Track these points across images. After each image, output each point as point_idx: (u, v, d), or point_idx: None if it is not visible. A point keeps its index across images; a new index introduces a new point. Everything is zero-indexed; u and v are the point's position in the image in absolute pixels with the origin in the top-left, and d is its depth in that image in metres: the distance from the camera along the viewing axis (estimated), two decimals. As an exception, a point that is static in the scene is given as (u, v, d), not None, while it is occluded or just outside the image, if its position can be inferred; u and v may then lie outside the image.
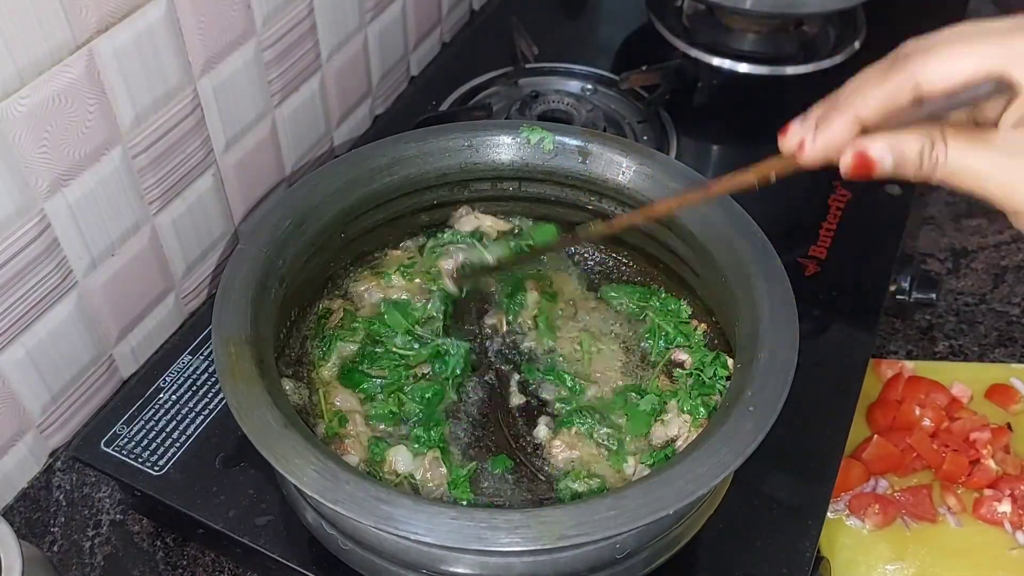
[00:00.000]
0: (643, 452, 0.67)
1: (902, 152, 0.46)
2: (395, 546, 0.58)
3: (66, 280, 0.73)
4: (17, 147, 0.64)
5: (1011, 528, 0.77)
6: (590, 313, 0.77)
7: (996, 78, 0.44)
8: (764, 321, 0.62)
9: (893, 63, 0.47)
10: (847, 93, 0.48)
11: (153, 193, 0.78)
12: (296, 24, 0.88)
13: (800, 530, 0.67)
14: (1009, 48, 0.44)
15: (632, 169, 0.74)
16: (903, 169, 0.47)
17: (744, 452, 0.55)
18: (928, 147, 0.46)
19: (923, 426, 0.82)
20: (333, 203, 0.72)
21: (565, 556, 0.57)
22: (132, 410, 0.73)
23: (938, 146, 0.45)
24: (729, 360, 0.69)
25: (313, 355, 0.72)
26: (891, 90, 0.46)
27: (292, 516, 0.66)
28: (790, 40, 1.13)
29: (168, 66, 0.74)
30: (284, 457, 0.55)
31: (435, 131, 0.77)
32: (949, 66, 0.45)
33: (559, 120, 1.00)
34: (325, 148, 1.01)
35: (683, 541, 0.64)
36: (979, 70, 0.44)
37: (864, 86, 0.48)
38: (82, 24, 0.66)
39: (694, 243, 0.71)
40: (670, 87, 1.04)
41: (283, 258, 0.68)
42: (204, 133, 0.81)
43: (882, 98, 0.47)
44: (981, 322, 0.93)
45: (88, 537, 0.73)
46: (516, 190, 0.78)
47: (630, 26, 1.18)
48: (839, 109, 0.48)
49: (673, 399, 0.69)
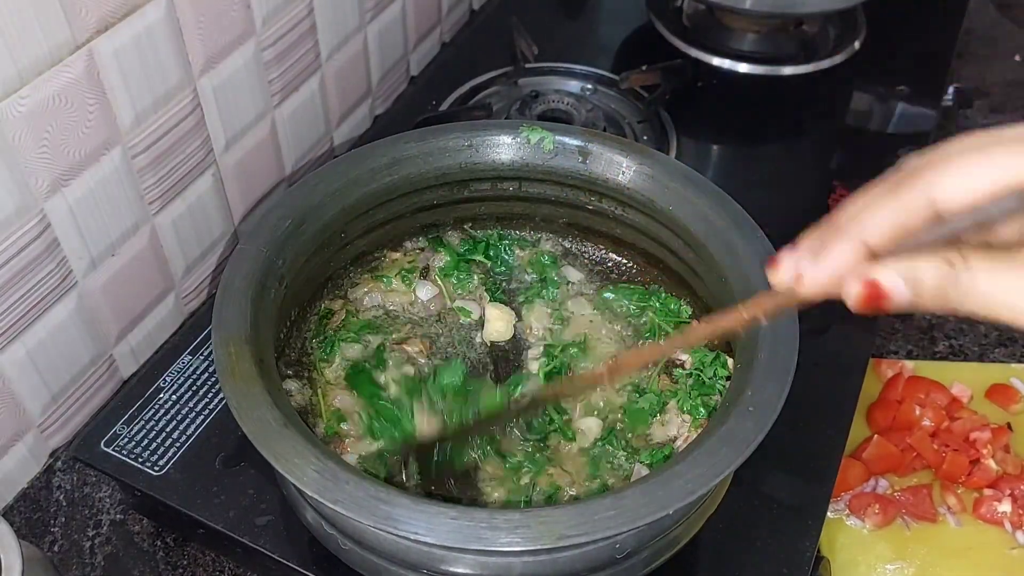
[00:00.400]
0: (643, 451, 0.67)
1: (920, 280, 0.40)
2: (395, 546, 0.58)
3: (66, 280, 0.73)
4: (17, 147, 0.64)
5: (1011, 528, 0.77)
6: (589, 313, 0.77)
7: (1021, 191, 0.39)
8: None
9: (901, 181, 0.41)
10: (849, 216, 0.42)
11: (153, 193, 0.78)
12: (296, 24, 0.88)
13: (800, 530, 0.67)
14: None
15: (632, 169, 0.74)
16: (921, 298, 0.41)
17: (744, 452, 0.55)
18: (949, 272, 0.40)
19: (923, 426, 0.82)
20: (333, 203, 0.72)
21: (565, 556, 0.57)
22: (132, 410, 0.73)
23: (961, 270, 0.39)
24: (729, 360, 0.69)
25: (315, 356, 0.72)
26: (903, 209, 0.40)
27: (292, 516, 0.66)
28: (790, 40, 1.13)
29: (168, 66, 0.74)
30: (284, 457, 0.55)
31: (435, 131, 0.77)
32: (969, 180, 0.39)
33: (559, 120, 1.00)
34: (325, 148, 1.01)
35: (683, 541, 0.64)
36: (1001, 181, 0.39)
37: (870, 207, 0.41)
38: (82, 24, 0.66)
39: (694, 243, 0.71)
40: (670, 87, 1.04)
41: (283, 258, 0.68)
42: (204, 133, 0.81)
43: (892, 219, 0.40)
44: (981, 322, 0.93)
45: (88, 537, 0.73)
46: (516, 190, 0.79)
47: (630, 26, 1.18)
48: (842, 234, 0.42)
49: (673, 399, 0.69)
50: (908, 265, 0.40)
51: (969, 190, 0.39)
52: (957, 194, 0.39)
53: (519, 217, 0.81)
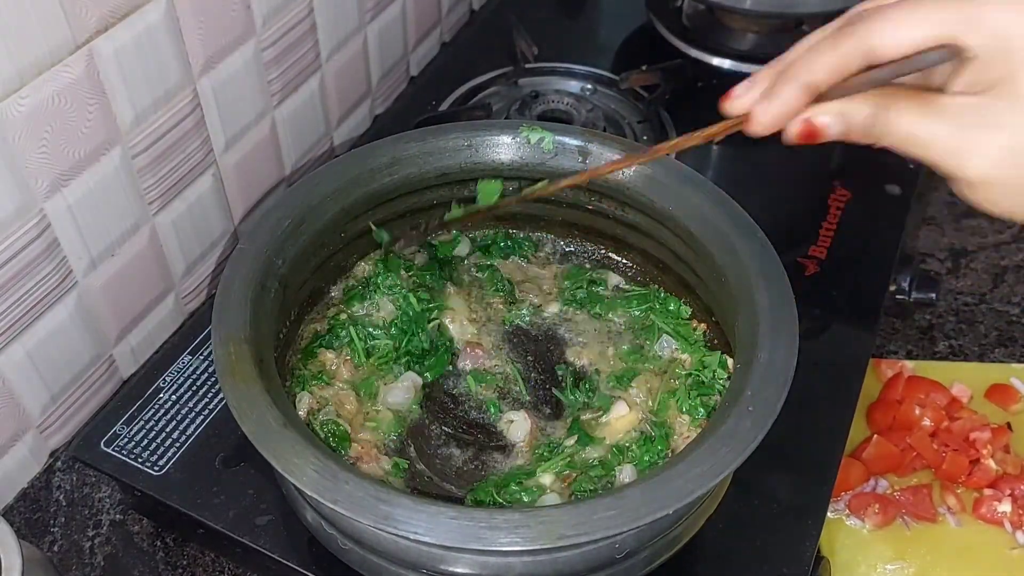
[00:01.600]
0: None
1: (850, 119, 0.46)
2: (394, 546, 0.58)
3: (66, 280, 0.73)
4: (17, 147, 0.64)
5: (1011, 528, 0.77)
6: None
7: (948, 45, 0.43)
8: (764, 321, 0.62)
9: (843, 26, 0.46)
10: (795, 59, 0.48)
11: (153, 193, 0.78)
12: (296, 24, 0.88)
13: (800, 530, 0.67)
14: (963, 14, 0.43)
15: (632, 169, 0.74)
16: (850, 136, 0.47)
17: (744, 452, 0.55)
18: (876, 113, 0.45)
19: (923, 426, 0.82)
20: (333, 203, 0.72)
21: (564, 556, 0.57)
22: (132, 410, 0.73)
23: (885, 113, 0.45)
24: (729, 360, 0.69)
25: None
26: (841, 56, 0.46)
27: (292, 516, 0.66)
28: (790, 40, 1.10)
29: (168, 66, 0.74)
30: (284, 457, 0.55)
31: (435, 131, 0.77)
32: (902, 32, 0.44)
33: (559, 120, 1.00)
34: (325, 148, 1.01)
35: (683, 541, 0.64)
36: (931, 36, 0.43)
37: (813, 52, 0.47)
38: (82, 24, 0.66)
39: (694, 243, 0.71)
40: (670, 87, 1.04)
41: (283, 258, 0.68)
42: (204, 133, 0.81)
43: (832, 64, 0.46)
44: (981, 322, 0.93)
45: (88, 537, 0.73)
46: (516, 190, 0.78)
47: (630, 26, 1.18)
48: (789, 77, 0.47)
49: (672, 399, 0.69)
50: (841, 106, 0.46)
51: (901, 42, 0.44)
52: (890, 45, 0.44)
53: (519, 217, 0.81)
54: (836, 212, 0.91)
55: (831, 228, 0.89)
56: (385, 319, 0.73)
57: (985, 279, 0.97)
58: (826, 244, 0.88)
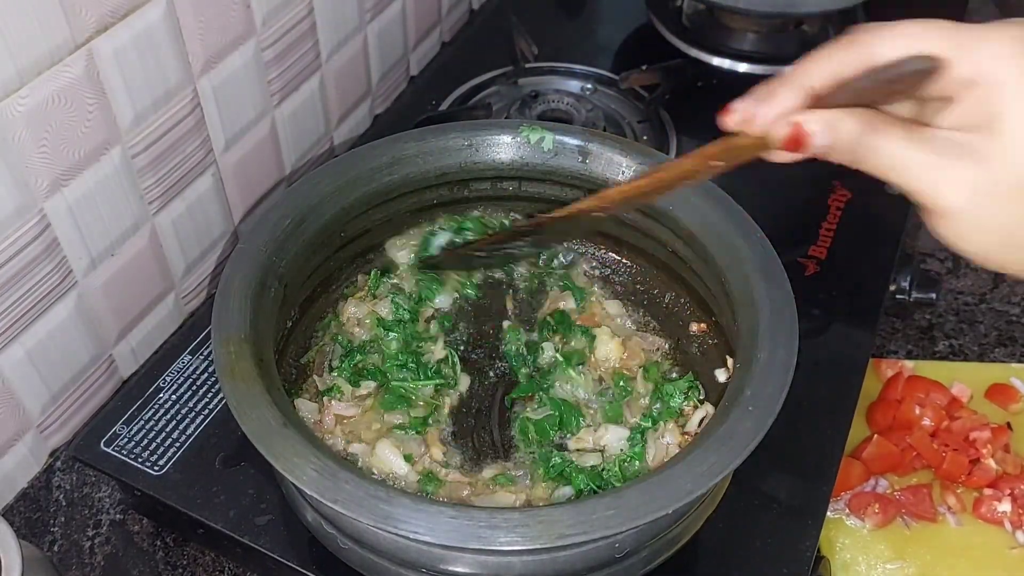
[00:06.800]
0: None
1: (837, 133, 0.46)
2: (394, 545, 0.58)
3: (66, 280, 0.73)
4: (17, 147, 0.64)
5: (1011, 527, 0.77)
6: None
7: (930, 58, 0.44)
8: (764, 321, 0.62)
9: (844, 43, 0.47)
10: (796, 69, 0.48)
11: (153, 193, 0.78)
12: (296, 24, 0.88)
13: (800, 530, 0.67)
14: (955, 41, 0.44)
15: (632, 169, 0.74)
16: (834, 151, 0.47)
17: (743, 452, 0.55)
18: (864, 132, 0.46)
19: (923, 425, 0.82)
20: (333, 203, 0.72)
21: (564, 555, 0.57)
22: (132, 410, 0.73)
23: (872, 133, 0.46)
24: (729, 360, 0.69)
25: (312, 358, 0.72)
26: (839, 64, 0.46)
27: (292, 516, 0.66)
28: (790, 40, 1.13)
29: (168, 66, 0.74)
30: (283, 456, 0.55)
31: (435, 131, 0.77)
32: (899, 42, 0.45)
33: (559, 120, 1.00)
34: (325, 148, 1.01)
35: (683, 540, 0.64)
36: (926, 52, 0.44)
37: (811, 60, 0.47)
38: (81, 24, 0.66)
39: (694, 243, 0.71)
40: (670, 87, 1.04)
41: (283, 258, 0.68)
42: (204, 133, 0.81)
43: (829, 70, 0.46)
44: (981, 322, 0.93)
45: (88, 537, 0.73)
46: (516, 190, 0.78)
47: (630, 26, 1.18)
48: (787, 81, 0.48)
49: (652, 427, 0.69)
50: (832, 115, 0.46)
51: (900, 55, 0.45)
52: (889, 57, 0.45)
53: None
54: (836, 212, 0.91)
55: (831, 228, 0.89)
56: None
57: (985, 279, 0.97)
58: (826, 244, 0.88)
